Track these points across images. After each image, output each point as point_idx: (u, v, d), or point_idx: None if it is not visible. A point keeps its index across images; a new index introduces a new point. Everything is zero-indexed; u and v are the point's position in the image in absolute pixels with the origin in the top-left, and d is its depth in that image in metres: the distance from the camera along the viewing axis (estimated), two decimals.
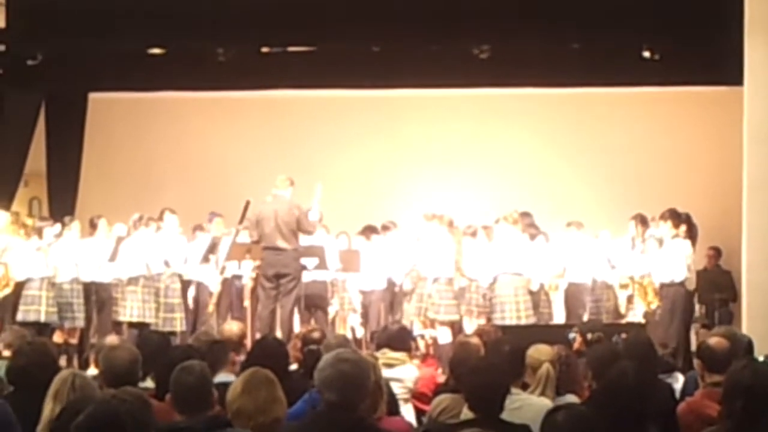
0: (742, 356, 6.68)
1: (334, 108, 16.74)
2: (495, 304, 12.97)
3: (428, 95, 16.30)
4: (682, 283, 12.93)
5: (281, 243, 12.60)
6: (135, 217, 13.64)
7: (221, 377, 6.60)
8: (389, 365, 7.90)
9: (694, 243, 13.60)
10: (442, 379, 8.72)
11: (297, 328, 13.29)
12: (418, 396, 8.11)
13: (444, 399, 6.89)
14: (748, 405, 4.99)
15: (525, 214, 13.66)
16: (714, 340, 6.68)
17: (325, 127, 16.79)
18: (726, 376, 5.36)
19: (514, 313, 12.83)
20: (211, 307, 14.03)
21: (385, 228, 14.54)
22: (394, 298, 14.45)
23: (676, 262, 12.93)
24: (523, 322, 12.72)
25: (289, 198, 12.80)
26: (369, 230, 14.57)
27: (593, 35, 13.52)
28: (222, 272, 13.87)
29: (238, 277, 14.08)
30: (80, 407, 3.63)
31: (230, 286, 14.26)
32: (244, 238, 13.12)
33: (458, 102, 16.56)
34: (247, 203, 12.86)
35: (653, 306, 13.04)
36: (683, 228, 13.17)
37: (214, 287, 14.08)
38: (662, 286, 12.98)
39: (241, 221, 13.05)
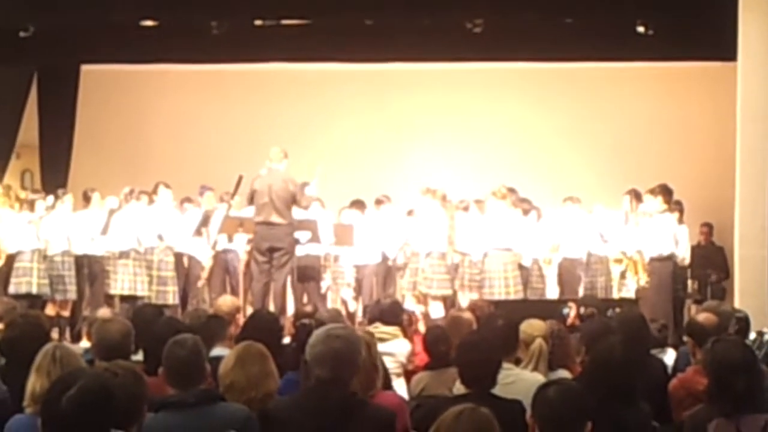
0: (735, 333, 6.68)
1: (327, 81, 16.68)
2: (484, 279, 13.01)
3: (421, 69, 16.23)
4: (669, 258, 12.86)
5: (275, 218, 12.47)
6: (126, 191, 13.62)
7: (217, 351, 6.59)
8: (381, 339, 7.88)
9: (680, 218, 13.56)
10: None
11: (290, 302, 13.30)
12: (417, 372, 8.09)
13: (422, 377, 6.93)
14: (746, 383, 4.95)
15: (510, 190, 13.63)
16: (702, 316, 6.68)
17: (318, 100, 16.73)
18: (710, 357, 5.29)
19: (503, 288, 12.87)
20: (202, 281, 14.08)
21: (378, 202, 14.48)
22: (387, 272, 14.42)
23: (664, 237, 12.88)
24: (512, 297, 12.74)
25: (284, 171, 12.71)
26: (357, 204, 14.44)
27: (587, 10, 13.48)
28: (214, 246, 13.87)
29: (232, 251, 14.08)
30: (72, 380, 3.61)
31: (223, 260, 14.25)
32: (237, 211, 13.09)
33: (451, 76, 16.50)
34: (240, 177, 12.78)
35: (643, 282, 13.01)
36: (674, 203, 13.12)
37: (206, 261, 14.11)
38: (651, 260, 12.96)
39: (233, 195, 13.00)
